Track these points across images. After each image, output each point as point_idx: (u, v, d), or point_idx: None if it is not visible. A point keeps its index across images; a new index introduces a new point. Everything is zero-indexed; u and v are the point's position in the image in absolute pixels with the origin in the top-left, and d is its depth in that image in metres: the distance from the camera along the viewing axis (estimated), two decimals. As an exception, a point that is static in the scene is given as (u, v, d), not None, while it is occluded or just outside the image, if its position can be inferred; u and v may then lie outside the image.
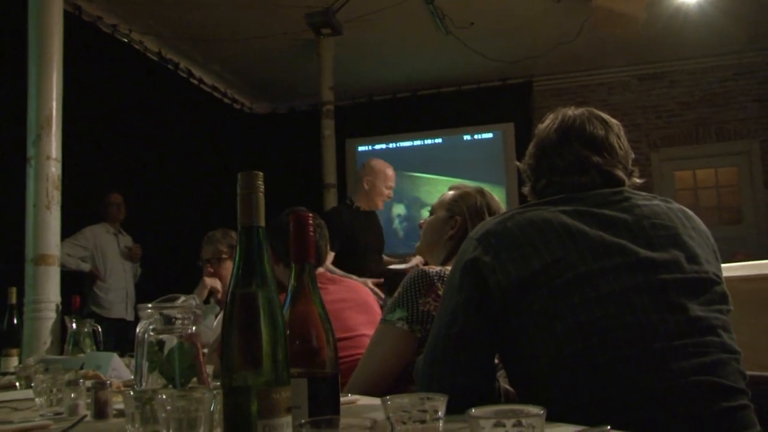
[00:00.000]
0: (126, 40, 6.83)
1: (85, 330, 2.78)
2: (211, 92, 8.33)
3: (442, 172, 8.73)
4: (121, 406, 1.39)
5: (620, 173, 1.64)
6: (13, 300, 3.09)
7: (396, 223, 8.89)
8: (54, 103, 3.47)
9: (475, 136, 8.78)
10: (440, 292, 1.90)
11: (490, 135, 8.68)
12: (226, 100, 8.69)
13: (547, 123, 1.72)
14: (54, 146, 3.44)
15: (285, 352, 0.97)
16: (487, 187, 2.54)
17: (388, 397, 0.97)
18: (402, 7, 6.46)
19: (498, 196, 7.79)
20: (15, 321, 3.07)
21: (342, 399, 1.75)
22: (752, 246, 7.76)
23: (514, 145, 8.37)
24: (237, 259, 0.97)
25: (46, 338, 3.25)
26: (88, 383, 1.62)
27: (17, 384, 2.18)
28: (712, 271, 1.52)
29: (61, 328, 3.22)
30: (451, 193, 2.37)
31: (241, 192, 0.97)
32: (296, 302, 1.10)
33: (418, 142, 9.00)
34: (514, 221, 1.52)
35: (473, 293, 1.48)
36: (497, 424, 0.82)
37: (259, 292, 0.95)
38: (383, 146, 9.12)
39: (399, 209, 8.93)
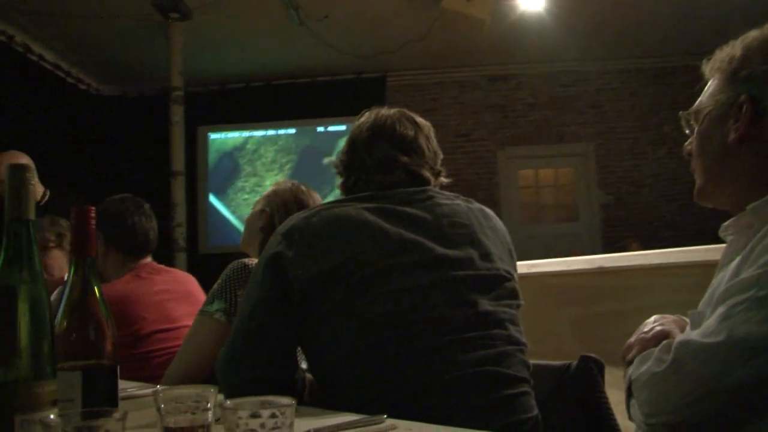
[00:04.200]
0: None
1: None
2: (53, 70, 7.88)
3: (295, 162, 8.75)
4: None
5: (426, 173, 1.69)
6: None
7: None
8: None
9: (329, 128, 8.80)
10: None
11: (343, 127, 8.71)
12: (69, 80, 8.23)
13: (362, 121, 1.76)
14: None
15: (50, 346, 0.97)
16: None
17: (159, 388, 0.98)
18: (254, -5, 6.41)
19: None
20: None
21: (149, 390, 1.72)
22: (585, 242, 8.23)
23: (367, 139, 8.49)
24: (4, 251, 0.97)
25: None
26: None
27: None
28: (503, 269, 1.60)
29: None
30: (270, 188, 2.41)
31: (10, 185, 0.96)
32: (73, 295, 1.08)
33: (271, 132, 8.93)
34: (319, 217, 1.55)
35: (274, 288, 1.50)
36: (253, 415, 0.84)
37: (23, 286, 0.95)
38: (236, 134, 8.99)
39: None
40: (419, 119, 1.77)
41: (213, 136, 8.97)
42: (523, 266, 1.77)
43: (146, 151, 8.12)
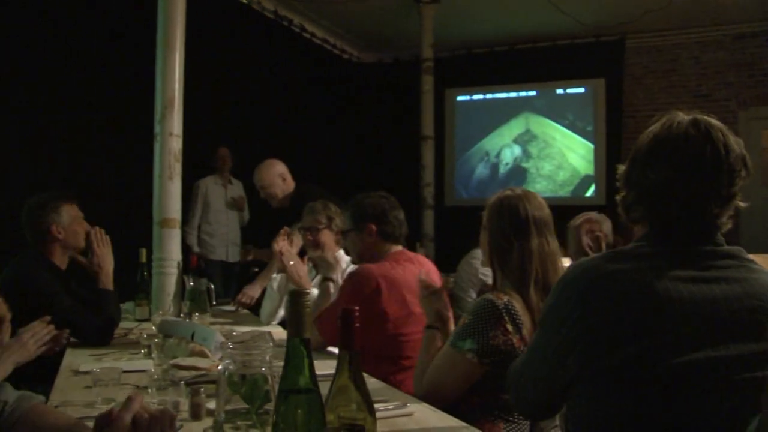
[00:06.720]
0: (245, 1, 7.42)
1: (202, 288, 3.31)
2: (322, 44, 9.01)
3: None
4: (213, 406, 1.59)
5: (710, 206, 1.46)
6: (143, 259, 3.57)
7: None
8: (176, 86, 3.72)
9: (568, 91, 9.10)
10: (508, 326, 2.03)
11: (581, 90, 9.00)
12: (335, 51, 9.35)
13: (650, 129, 1.54)
14: (176, 124, 3.71)
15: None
16: (575, 143, 2.25)
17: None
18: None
19: (585, 151, 8.55)
20: (144, 276, 3.59)
21: (399, 411, 1.91)
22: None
23: (604, 101, 8.71)
24: (286, 363, 1.11)
25: (170, 290, 3.63)
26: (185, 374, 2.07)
27: (142, 351, 2.65)
28: None
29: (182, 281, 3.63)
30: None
31: (291, 309, 1.12)
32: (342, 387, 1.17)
33: (513, 94, 9.42)
34: (617, 280, 1.42)
35: (568, 344, 1.47)
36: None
37: (303, 393, 1.10)
38: (481, 96, 9.61)
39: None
40: (714, 125, 1.48)
41: (459, 98, 9.66)
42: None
43: (400, 115, 9.01)
